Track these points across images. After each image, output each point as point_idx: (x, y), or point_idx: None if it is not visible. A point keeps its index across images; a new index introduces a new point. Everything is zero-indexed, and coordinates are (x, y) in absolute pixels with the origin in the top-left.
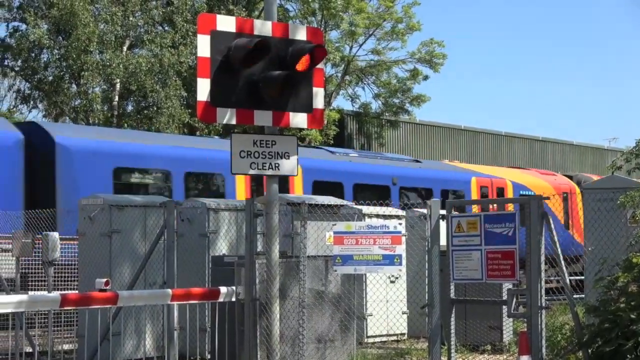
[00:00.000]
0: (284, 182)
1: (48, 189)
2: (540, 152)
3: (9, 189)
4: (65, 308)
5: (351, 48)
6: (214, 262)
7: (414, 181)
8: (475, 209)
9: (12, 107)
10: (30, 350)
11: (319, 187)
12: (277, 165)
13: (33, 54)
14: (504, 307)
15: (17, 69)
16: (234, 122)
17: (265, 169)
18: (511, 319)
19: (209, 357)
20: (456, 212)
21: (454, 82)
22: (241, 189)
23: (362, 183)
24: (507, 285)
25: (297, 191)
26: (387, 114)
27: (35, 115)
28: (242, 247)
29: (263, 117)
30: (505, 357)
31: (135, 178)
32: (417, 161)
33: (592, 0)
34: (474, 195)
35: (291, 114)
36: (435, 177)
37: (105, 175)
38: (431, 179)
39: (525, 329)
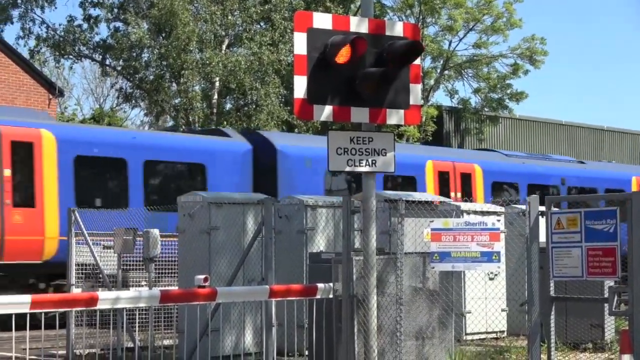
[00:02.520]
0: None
1: None
2: None
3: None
4: (165, 304)
5: (450, 43)
6: (311, 258)
7: (580, 181)
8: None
9: (114, 105)
10: (132, 345)
11: (497, 188)
12: (374, 161)
13: (134, 54)
14: (605, 304)
15: (118, 68)
16: (330, 119)
17: (362, 166)
18: (613, 317)
19: (306, 353)
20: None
21: (555, 75)
22: None
23: (535, 183)
24: (608, 283)
25: (478, 191)
26: (486, 109)
27: (137, 113)
28: (339, 243)
29: (360, 114)
30: (606, 355)
31: None
32: (582, 162)
33: None
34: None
35: (388, 110)
36: (600, 177)
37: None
38: (595, 178)
39: (627, 327)
